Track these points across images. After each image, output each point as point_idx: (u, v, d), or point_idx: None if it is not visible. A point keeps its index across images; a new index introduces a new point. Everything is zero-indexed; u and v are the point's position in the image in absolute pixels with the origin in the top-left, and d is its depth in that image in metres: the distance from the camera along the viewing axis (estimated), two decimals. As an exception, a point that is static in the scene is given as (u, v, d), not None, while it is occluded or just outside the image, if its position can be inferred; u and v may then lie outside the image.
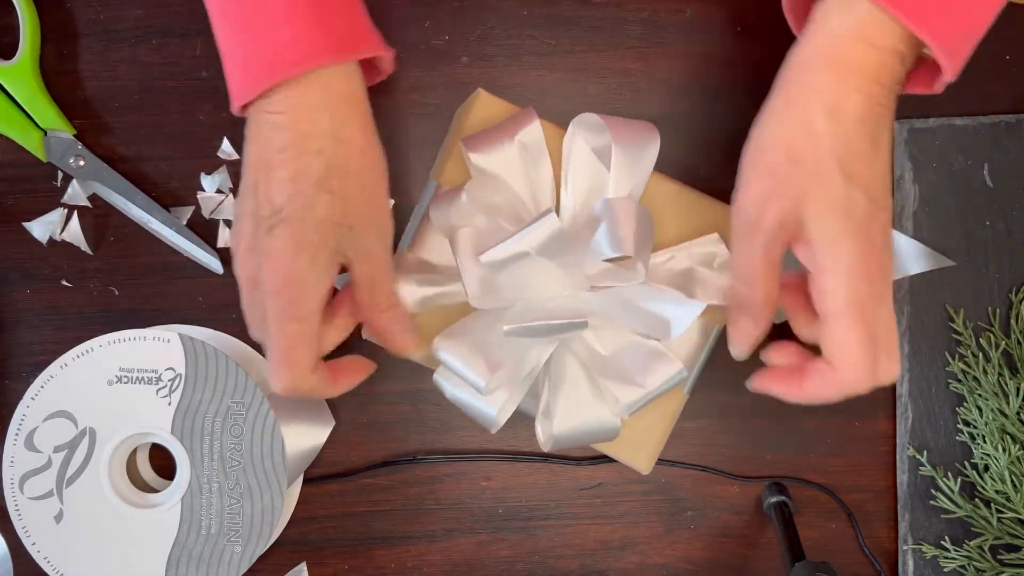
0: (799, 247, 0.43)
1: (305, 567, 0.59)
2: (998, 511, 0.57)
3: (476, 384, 0.48)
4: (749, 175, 0.43)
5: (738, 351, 0.46)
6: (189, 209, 0.59)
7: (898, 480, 0.59)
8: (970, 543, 0.57)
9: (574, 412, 0.50)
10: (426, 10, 0.59)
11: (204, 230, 0.59)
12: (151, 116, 0.59)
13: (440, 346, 0.49)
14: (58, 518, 0.55)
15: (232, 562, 0.55)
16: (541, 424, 0.51)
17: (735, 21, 0.59)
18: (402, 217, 0.56)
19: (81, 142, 0.58)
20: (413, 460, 0.60)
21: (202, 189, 0.59)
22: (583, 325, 0.48)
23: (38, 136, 0.58)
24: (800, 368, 0.45)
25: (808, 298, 0.44)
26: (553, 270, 0.49)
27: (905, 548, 0.59)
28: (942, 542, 0.58)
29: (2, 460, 0.55)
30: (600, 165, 0.51)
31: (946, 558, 0.58)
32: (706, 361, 0.53)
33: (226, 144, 0.58)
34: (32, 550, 0.55)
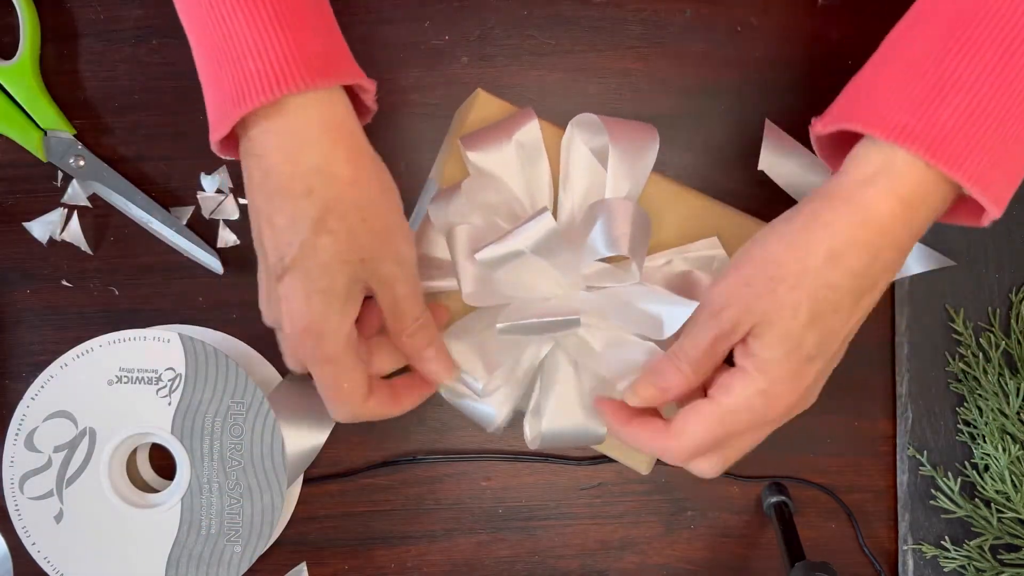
0: (739, 344, 0.43)
1: (305, 567, 0.59)
2: (998, 511, 0.57)
3: (473, 387, 0.48)
4: (732, 272, 0.43)
5: (631, 399, 0.46)
6: (189, 209, 0.59)
7: (898, 480, 0.59)
8: (970, 543, 0.57)
9: (563, 414, 0.50)
10: (426, 10, 0.59)
11: (204, 230, 0.59)
12: (151, 116, 0.59)
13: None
14: (58, 518, 0.55)
15: (232, 562, 0.55)
16: (530, 422, 0.51)
17: (735, 21, 0.59)
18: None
19: (81, 142, 0.58)
20: (413, 460, 0.60)
21: (202, 189, 0.59)
22: (576, 322, 0.48)
23: (38, 136, 0.58)
24: (642, 414, 0.45)
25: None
26: (548, 269, 0.49)
27: (905, 548, 0.59)
28: (942, 542, 0.58)
29: (2, 460, 0.55)
30: (598, 165, 0.51)
31: (946, 558, 0.58)
32: None
33: (226, 144, 0.59)
34: (32, 550, 0.55)
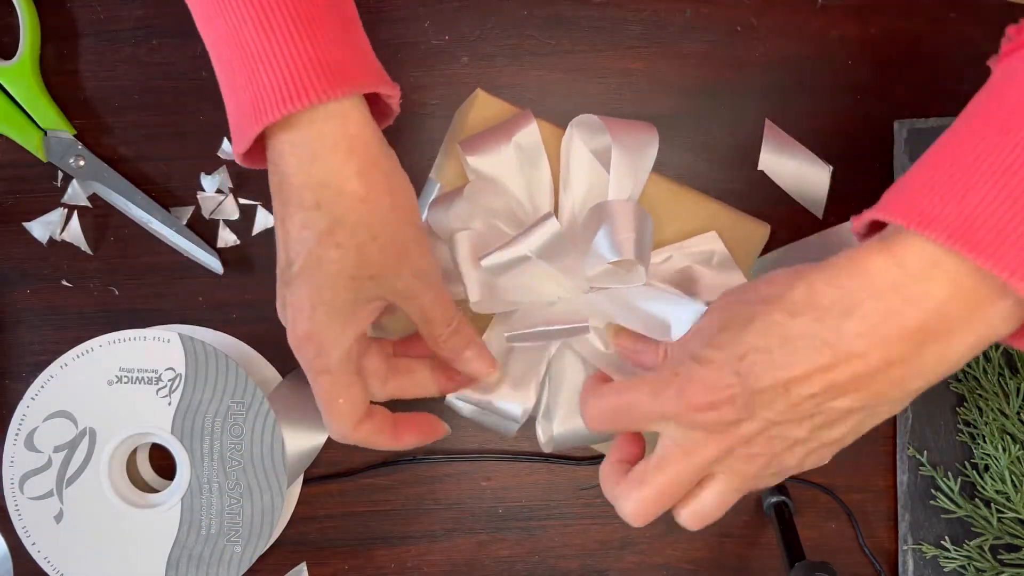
0: None
1: (305, 567, 0.59)
2: (998, 511, 0.57)
3: (510, 415, 0.49)
4: (735, 292, 0.41)
5: (612, 333, 0.45)
6: (189, 209, 0.59)
7: (898, 480, 0.59)
8: (970, 543, 0.57)
9: (574, 414, 0.50)
10: (426, 10, 0.59)
11: (204, 230, 0.59)
12: (151, 116, 0.59)
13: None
14: (58, 518, 0.55)
15: (232, 562, 0.55)
16: (542, 425, 0.51)
17: (735, 21, 0.59)
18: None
19: (81, 142, 0.58)
20: (413, 460, 0.60)
21: (202, 189, 0.59)
22: (584, 330, 0.48)
23: (38, 136, 0.58)
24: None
25: None
26: (553, 273, 0.49)
27: (905, 548, 0.59)
28: (942, 542, 0.58)
29: (2, 460, 0.55)
30: (599, 166, 0.51)
31: (946, 558, 0.58)
32: None
33: (226, 144, 0.58)
34: (32, 550, 0.55)
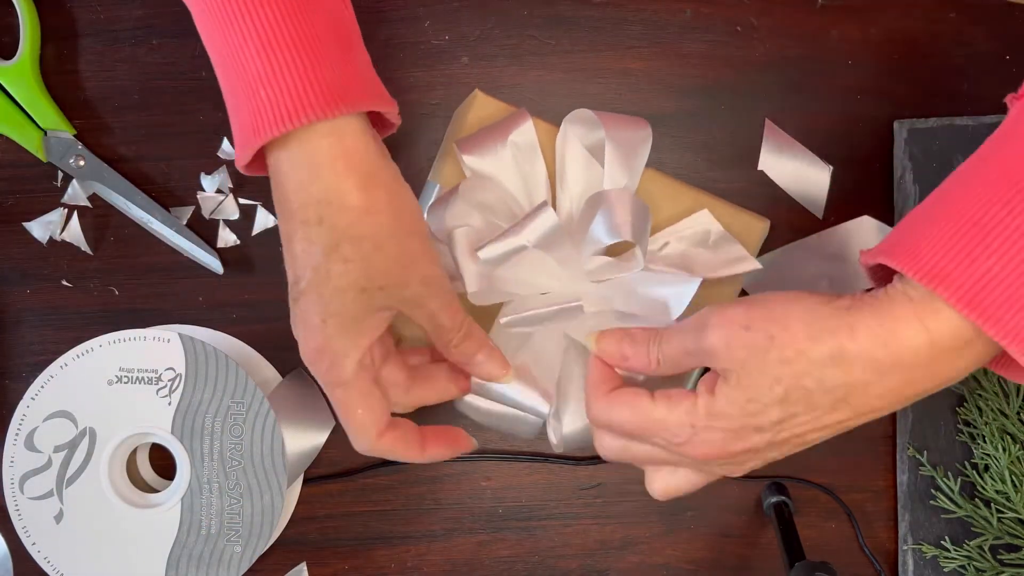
0: (712, 372, 0.42)
1: (305, 567, 0.59)
2: (998, 511, 0.57)
3: (539, 411, 0.49)
4: (743, 307, 0.41)
5: (593, 343, 0.45)
6: (189, 209, 0.59)
7: (898, 480, 0.59)
8: (970, 543, 0.57)
9: (583, 413, 0.50)
10: (426, 10, 0.59)
11: (204, 230, 0.59)
12: (151, 116, 0.59)
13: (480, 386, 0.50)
14: (58, 518, 0.55)
15: (232, 562, 0.55)
16: (552, 427, 0.51)
17: (735, 21, 0.59)
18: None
19: (81, 142, 0.58)
20: (413, 460, 0.60)
21: (202, 189, 0.59)
22: (579, 309, 0.48)
23: (38, 136, 0.58)
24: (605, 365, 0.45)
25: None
26: (551, 264, 0.49)
27: (905, 548, 0.59)
28: (942, 542, 0.58)
29: (2, 460, 0.55)
30: (594, 162, 0.51)
31: (946, 558, 0.58)
32: None
33: (226, 144, 0.58)
34: (32, 550, 0.55)
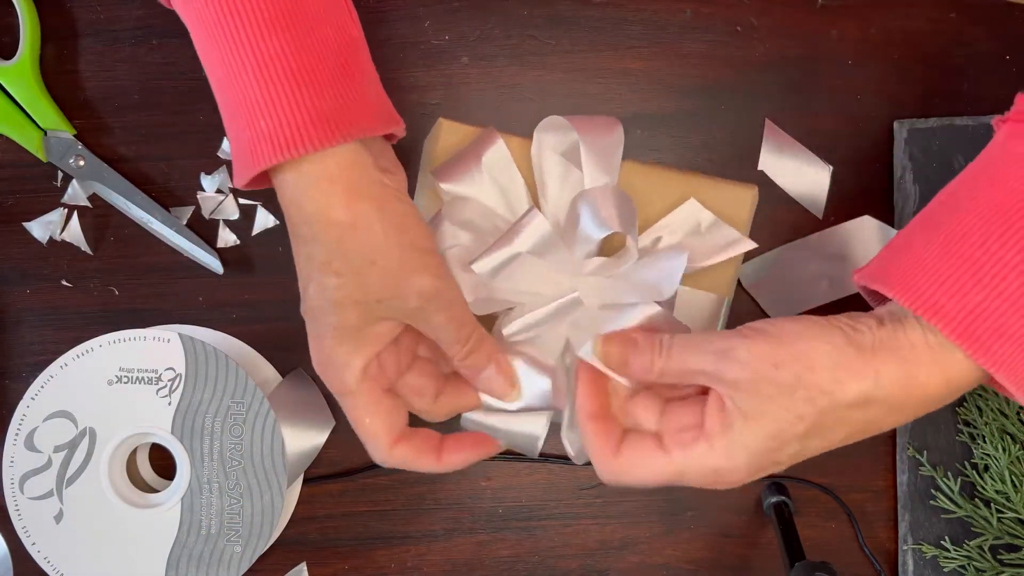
0: (719, 398, 0.41)
1: (305, 567, 0.59)
2: (998, 511, 0.57)
3: (534, 435, 0.49)
4: (770, 339, 0.40)
5: (595, 346, 0.44)
6: (189, 209, 0.59)
7: (898, 480, 0.59)
8: (970, 543, 0.57)
9: None
10: (426, 10, 0.59)
11: (204, 230, 0.59)
12: (151, 116, 0.59)
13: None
14: (58, 518, 0.55)
15: (232, 562, 0.55)
16: (568, 437, 0.51)
17: (735, 21, 0.59)
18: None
19: (81, 142, 0.58)
20: (413, 460, 0.60)
21: (202, 189, 0.59)
22: (578, 300, 0.48)
23: (38, 136, 0.58)
24: (605, 417, 0.44)
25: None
26: (546, 269, 0.49)
27: (905, 548, 0.59)
28: (942, 542, 0.58)
29: (2, 460, 0.55)
30: (571, 166, 0.52)
31: (946, 558, 0.58)
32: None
33: (226, 144, 0.58)
34: (32, 550, 0.55)
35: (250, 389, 0.55)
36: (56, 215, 0.59)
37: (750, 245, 0.53)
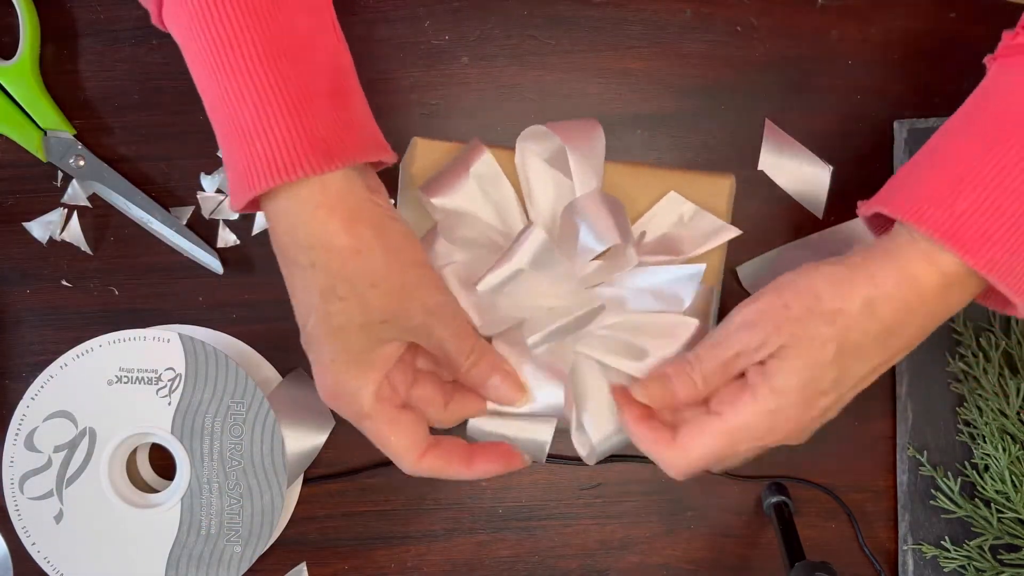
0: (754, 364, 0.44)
1: (305, 567, 0.59)
2: (998, 511, 0.57)
3: (554, 408, 0.49)
4: (771, 293, 0.44)
5: (638, 393, 0.47)
6: (189, 209, 0.59)
7: (898, 480, 0.59)
8: (970, 543, 0.57)
9: (606, 420, 0.50)
10: (426, 10, 0.59)
11: (204, 230, 0.59)
12: (151, 116, 0.59)
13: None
14: (58, 518, 0.55)
15: (232, 562, 0.55)
16: (578, 440, 0.51)
17: (735, 21, 0.59)
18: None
19: (81, 142, 0.58)
20: (413, 460, 0.60)
21: (202, 189, 0.59)
22: (601, 308, 0.48)
23: (38, 136, 0.58)
24: (653, 417, 0.46)
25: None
26: (547, 282, 0.50)
27: (905, 548, 0.59)
28: (942, 542, 0.58)
29: (2, 460, 0.55)
30: (557, 173, 0.52)
31: (946, 558, 0.58)
32: (716, 319, 0.54)
33: (226, 144, 0.59)
34: (32, 550, 0.55)
35: (250, 389, 0.55)
36: (56, 215, 0.59)
37: (734, 232, 0.53)
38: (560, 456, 0.60)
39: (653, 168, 0.54)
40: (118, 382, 0.55)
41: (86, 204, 0.59)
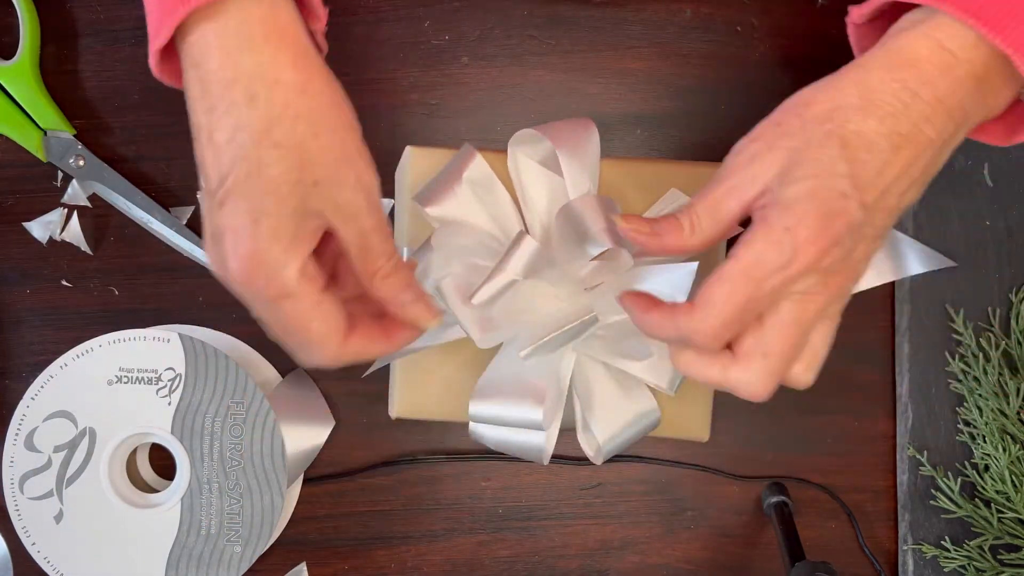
0: (756, 206, 0.39)
1: (305, 567, 0.59)
2: (998, 511, 0.57)
3: (534, 423, 0.48)
4: (763, 121, 0.40)
5: (624, 223, 0.42)
6: (189, 209, 0.59)
7: (898, 480, 0.59)
8: (970, 543, 0.57)
9: (612, 419, 0.50)
10: (426, 10, 0.59)
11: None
12: (151, 116, 0.59)
13: (478, 407, 0.49)
14: (58, 518, 0.55)
15: (232, 562, 0.55)
16: (584, 439, 0.51)
17: (735, 21, 0.59)
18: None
19: (81, 142, 0.58)
20: (413, 460, 0.60)
21: (202, 189, 0.59)
22: (594, 320, 0.48)
23: (38, 136, 0.58)
24: (664, 304, 0.41)
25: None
26: (545, 288, 0.50)
27: (905, 548, 0.59)
28: (942, 542, 0.58)
29: (2, 460, 0.55)
30: (551, 174, 0.51)
31: (946, 558, 0.58)
32: None
33: (226, 144, 0.58)
34: (32, 550, 0.55)
35: (250, 389, 0.55)
36: (56, 215, 0.59)
37: (734, 229, 0.52)
38: (560, 456, 0.60)
39: (650, 162, 0.54)
40: (118, 382, 0.55)
41: (86, 204, 0.59)
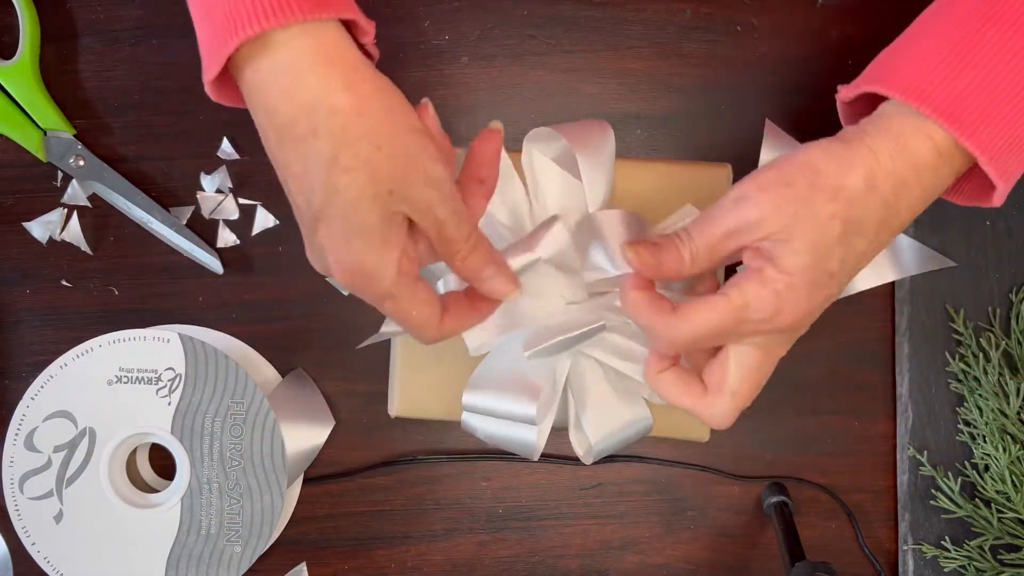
0: (751, 251, 0.42)
1: (305, 567, 0.59)
2: (998, 511, 0.57)
3: (527, 417, 0.48)
4: (770, 170, 0.42)
5: (628, 250, 0.44)
6: (189, 209, 0.59)
7: (898, 480, 0.59)
8: (970, 543, 0.57)
9: (606, 419, 0.50)
10: (426, 10, 0.59)
11: (204, 230, 0.59)
12: (151, 116, 0.59)
13: (472, 397, 0.49)
14: (58, 518, 0.55)
15: (232, 562, 0.55)
16: (576, 438, 0.51)
17: (735, 21, 0.59)
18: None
19: (81, 142, 0.58)
20: (413, 460, 0.60)
21: (202, 189, 0.59)
22: (601, 328, 0.48)
23: (38, 136, 0.58)
24: (658, 298, 0.44)
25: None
26: (558, 278, 0.50)
27: (905, 548, 0.59)
28: (942, 542, 0.58)
29: (2, 460, 0.55)
30: (564, 172, 0.51)
31: (946, 558, 0.58)
32: None
33: (226, 144, 0.58)
34: (32, 550, 0.55)
35: (250, 389, 0.55)
36: (56, 215, 0.59)
37: None
38: (560, 456, 0.60)
39: (650, 161, 0.54)
40: (118, 382, 0.55)
41: (86, 204, 0.59)
